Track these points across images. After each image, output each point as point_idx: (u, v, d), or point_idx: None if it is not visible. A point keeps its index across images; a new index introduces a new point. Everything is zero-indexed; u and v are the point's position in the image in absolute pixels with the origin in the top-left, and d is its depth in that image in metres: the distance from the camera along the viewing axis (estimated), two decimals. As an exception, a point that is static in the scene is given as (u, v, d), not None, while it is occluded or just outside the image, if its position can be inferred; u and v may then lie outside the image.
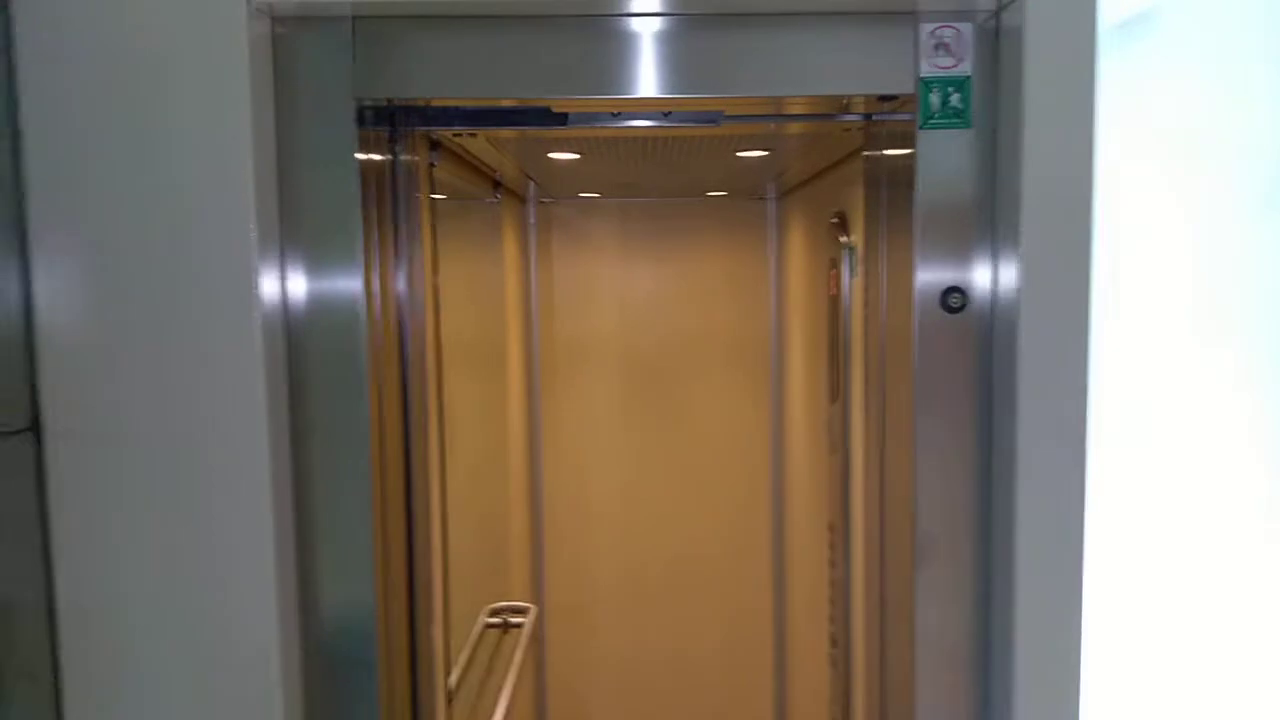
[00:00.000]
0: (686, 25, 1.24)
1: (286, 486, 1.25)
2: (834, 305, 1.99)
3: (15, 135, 1.17)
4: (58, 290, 1.19)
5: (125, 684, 1.24)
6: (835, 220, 1.97)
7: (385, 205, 1.38)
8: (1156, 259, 2.79)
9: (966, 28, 1.23)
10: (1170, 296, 2.76)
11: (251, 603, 1.21)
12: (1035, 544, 1.23)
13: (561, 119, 1.36)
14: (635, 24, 1.24)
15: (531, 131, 1.47)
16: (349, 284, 1.25)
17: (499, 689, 2.04)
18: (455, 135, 1.65)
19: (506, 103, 1.33)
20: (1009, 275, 1.22)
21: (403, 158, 1.40)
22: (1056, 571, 1.23)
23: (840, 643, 2.01)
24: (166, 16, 1.16)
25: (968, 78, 1.23)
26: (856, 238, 1.81)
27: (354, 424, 1.27)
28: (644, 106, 1.36)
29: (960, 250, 1.27)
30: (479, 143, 1.82)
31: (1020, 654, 1.24)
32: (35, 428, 1.20)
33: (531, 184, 2.72)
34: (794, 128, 1.65)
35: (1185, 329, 2.66)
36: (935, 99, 1.24)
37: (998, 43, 1.23)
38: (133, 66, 1.16)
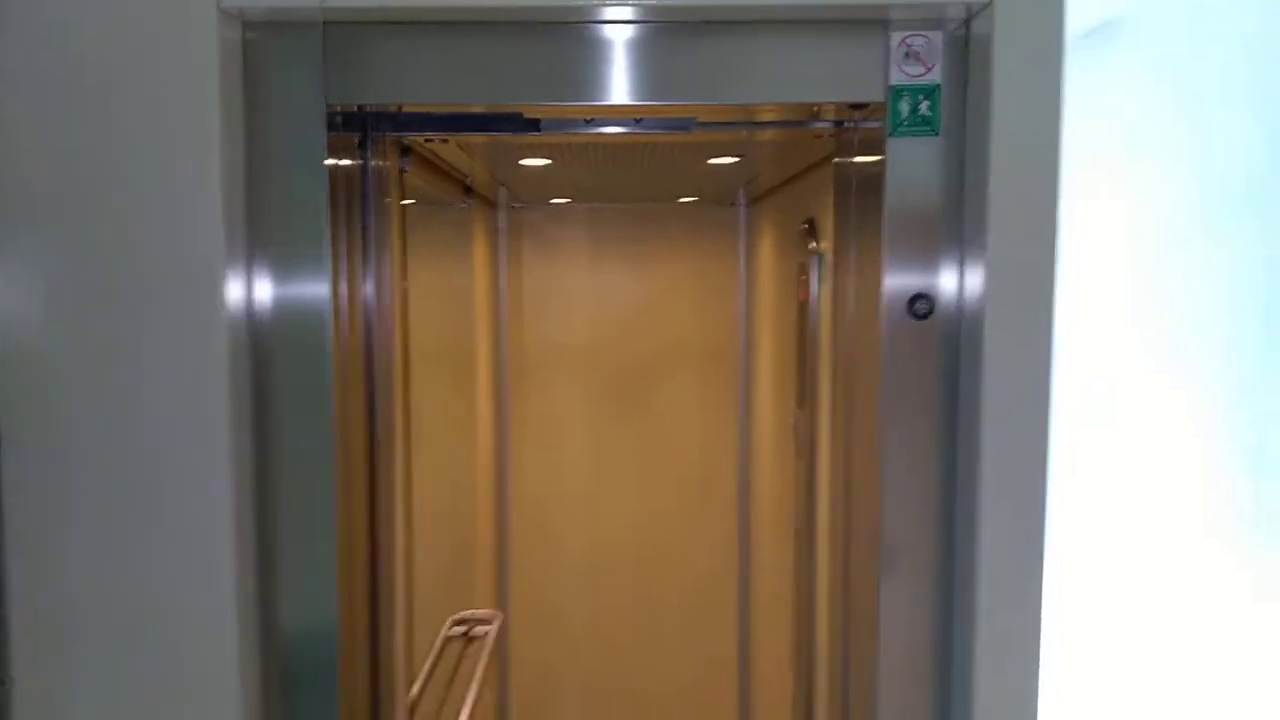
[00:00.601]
0: (659, 32, 1.24)
1: (248, 496, 1.24)
2: (803, 311, 2.00)
3: (-23, 137, 1.16)
4: (16, 295, 1.17)
5: (79, 702, 1.22)
6: (805, 226, 1.98)
7: (355, 210, 1.37)
8: (1118, 261, 2.82)
9: (936, 36, 1.24)
10: (1129, 300, 2.79)
11: (211, 615, 1.20)
12: (998, 550, 1.24)
13: (534, 125, 1.36)
14: (608, 31, 1.24)
15: (503, 137, 1.47)
16: (316, 289, 1.24)
17: (461, 699, 2.03)
18: (426, 140, 1.64)
19: (478, 108, 1.33)
20: (975, 282, 1.23)
21: (373, 163, 1.39)
22: (1018, 578, 1.24)
23: (804, 649, 2.02)
24: (135, 20, 1.15)
25: (937, 86, 1.25)
26: (826, 244, 1.82)
27: (318, 431, 1.25)
28: (616, 113, 1.36)
29: (927, 257, 1.28)
30: (450, 148, 1.81)
31: (980, 660, 1.25)
32: (-6, 435, 1.19)
33: (502, 189, 2.71)
34: (765, 134, 1.66)
35: (1149, 332, 2.70)
36: (905, 107, 1.25)
37: (967, 51, 1.24)
38: (100, 70, 1.15)
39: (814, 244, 1.91)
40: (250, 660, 1.24)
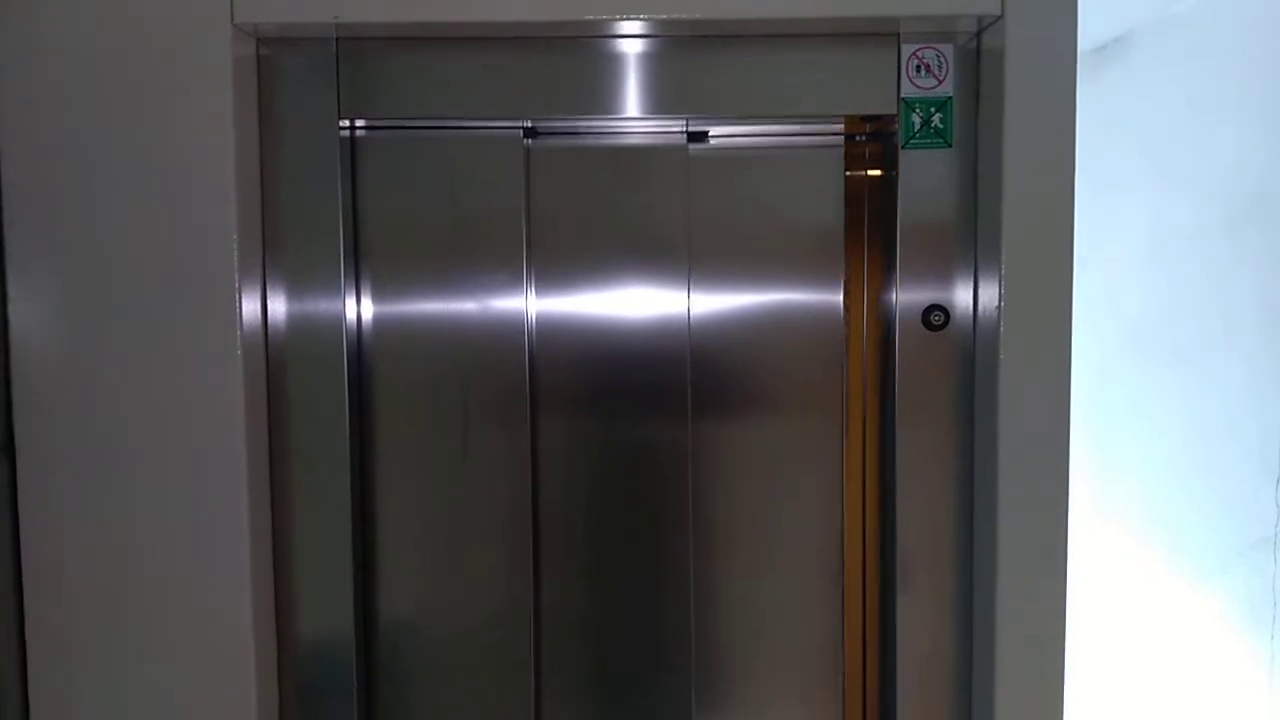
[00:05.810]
0: (671, 47, 1.25)
1: (265, 511, 1.24)
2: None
3: (-6, 154, 1.16)
4: (34, 310, 1.18)
5: (92, 715, 1.21)
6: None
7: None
8: (1127, 272, 2.82)
9: (948, 49, 1.24)
10: (1139, 309, 2.79)
11: (227, 631, 1.20)
12: (1017, 562, 1.22)
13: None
14: (622, 45, 1.24)
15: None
16: (331, 305, 1.24)
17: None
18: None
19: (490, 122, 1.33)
20: (990, 293, 1.23)
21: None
22: (1039, 591, 1.23)
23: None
24: (150, 36, 1.15)
25: (949, 98, 1.25)
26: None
27: (334, 445, 1.25)
28: (627, 126, 1.36)
29: (942, 268, 1.27)
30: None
31: (1001, 675, 1.23)
32: (9, 449, 1.18)
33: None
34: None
35: (1157, 341, 2.69)
36: (917, 119, 1.25)
37: (978, 64, 1.24)
38: (115, 86, 1.16)
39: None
40: (268, 678, 1.24)
